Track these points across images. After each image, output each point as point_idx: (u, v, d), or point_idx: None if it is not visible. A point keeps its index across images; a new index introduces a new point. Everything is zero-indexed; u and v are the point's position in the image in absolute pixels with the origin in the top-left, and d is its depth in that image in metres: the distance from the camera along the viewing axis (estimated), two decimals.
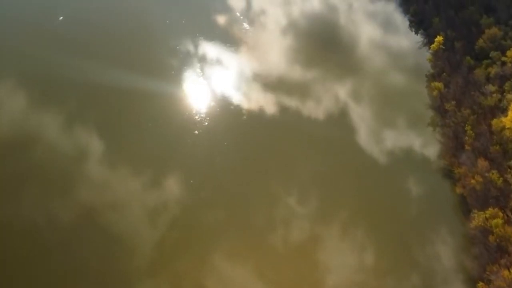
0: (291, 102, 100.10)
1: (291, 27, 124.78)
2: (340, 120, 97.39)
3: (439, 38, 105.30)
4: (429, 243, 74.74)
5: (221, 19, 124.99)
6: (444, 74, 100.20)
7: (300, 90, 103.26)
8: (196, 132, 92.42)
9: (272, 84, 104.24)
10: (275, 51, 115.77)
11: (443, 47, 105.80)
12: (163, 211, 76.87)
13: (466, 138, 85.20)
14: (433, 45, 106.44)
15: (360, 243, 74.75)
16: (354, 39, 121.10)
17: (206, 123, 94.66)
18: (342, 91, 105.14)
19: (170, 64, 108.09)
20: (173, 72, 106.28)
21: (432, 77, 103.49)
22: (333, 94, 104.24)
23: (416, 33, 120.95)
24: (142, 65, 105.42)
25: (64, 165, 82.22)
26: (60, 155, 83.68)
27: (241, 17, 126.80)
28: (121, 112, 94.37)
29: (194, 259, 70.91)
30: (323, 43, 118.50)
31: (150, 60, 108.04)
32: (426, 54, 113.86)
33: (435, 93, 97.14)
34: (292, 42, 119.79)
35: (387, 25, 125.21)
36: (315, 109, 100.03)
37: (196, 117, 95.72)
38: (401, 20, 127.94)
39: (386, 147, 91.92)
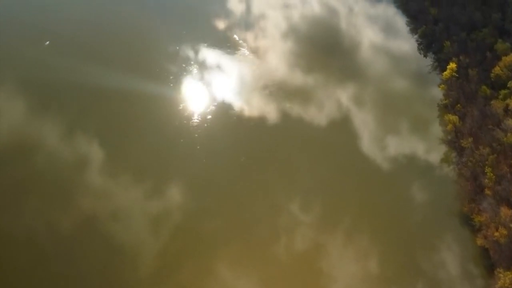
0: (293, 108, 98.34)
1: (292, 32, 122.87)
2: (343, 139, 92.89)
3: (452, 65, 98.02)
4: None
5: (222, 24, 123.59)
6: (459, 105, 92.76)
7: (301, 95, 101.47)
8: (196, 135, 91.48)
9: (274, 89, 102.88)
10: (276, 56, 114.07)
11: (456, 75, 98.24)
12: (165, 219, 75.28)
13: (486, 181, 77.79)
14: (445, 73, 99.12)
15: None
16: (353, 49, 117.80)
17: (207, 130, 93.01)
18: (344, 96, 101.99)
19: (169, 69, 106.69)
20: (172, 77, 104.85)
21: (445, 108, 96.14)
22: (335, 101, 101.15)
23: (425, 55, 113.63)
24: (142, 70, 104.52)
25: (65, 171, 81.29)
26: (60, 162, 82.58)
27: (242, 22, 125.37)
28: (122, 118, 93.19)
29: (197, 269, 69.57)
30: (323, 48, 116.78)
31: (150, 65, 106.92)
32: (436, 79, 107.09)
33: (449, 127, 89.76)
34: (292, 46, 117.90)
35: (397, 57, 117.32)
36: (317, 114, 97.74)
37: (197, 122, 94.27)
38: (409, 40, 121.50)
39: (400, 184, 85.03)
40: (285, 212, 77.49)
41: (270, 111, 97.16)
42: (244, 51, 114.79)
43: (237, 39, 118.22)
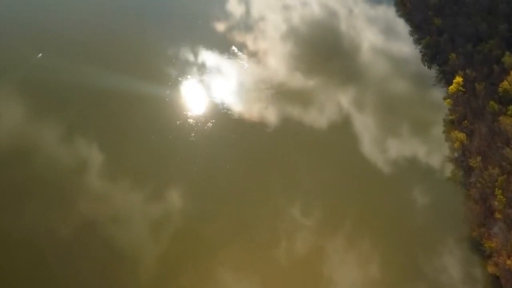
0: (293, 110, 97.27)
1: (291, 34, 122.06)
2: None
3: (458, 79, 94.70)
4: None
5: (221, 26, 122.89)
6: (466, 121, 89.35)
7: (301, 97, 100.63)
8: (196, 137, 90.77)
9: (274, 91, 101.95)
10: (275, 58, 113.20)
11: (463, 89, 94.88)
12: (165, 222, 74.46)
13: (496, 203, 74.45)
14: (451, 87, 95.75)
15: None
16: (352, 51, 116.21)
17: (207, 132, 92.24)
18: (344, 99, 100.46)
19: (169, 71, 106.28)
20: (171, 79, 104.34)
21: (451, 123, 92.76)
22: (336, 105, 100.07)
23: (429, 67, 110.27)
24: (141, 71, 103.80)
25: (65, 173, 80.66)
26: (60, 164, 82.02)
27: (241, 24, 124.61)
28: (121, 120, 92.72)
29: (197, 272, 68.77)
30: (324, 49, 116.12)
31: (150, 67, 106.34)
32: (441, 91, 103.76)
33: (456, 144, 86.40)
34: (292, 48, 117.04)
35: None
36: (318, 117, 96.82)
37: (196, 125, 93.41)
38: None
39: (406, 204, 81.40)
40: (286, 214, 76.57)
41: (270, 113, 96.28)
42: (244, 53, 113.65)
43: (236, 41, 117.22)
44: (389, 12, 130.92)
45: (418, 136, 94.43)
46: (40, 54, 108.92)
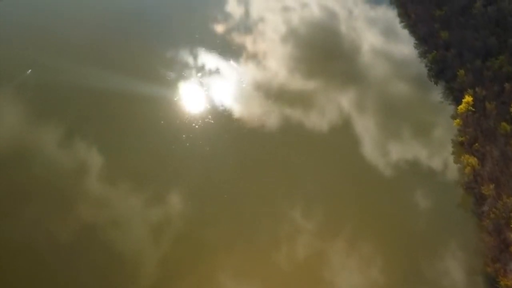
0: (293, 112, 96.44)
1: (291, 35, 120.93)
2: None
3: (468, 99, 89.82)
4: None
5: (221, 28, 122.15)
6: (477, 144, 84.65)
7: (301, 99, 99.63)
8: (196, 140, 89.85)
9: (274, 94, 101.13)
10: (275, 60, 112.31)
11: (472, 109, 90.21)
12: (165, 226, 73.98)
13: None
14: (460, 106, 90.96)
15: None
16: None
17: (207, 135, 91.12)
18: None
19: (169, 73, 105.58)
20: (171, 81, 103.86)
21: (461, 145, 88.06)
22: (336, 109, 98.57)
23: (436, 83, 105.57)
24: (141, 73, 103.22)
25: (64, 176, 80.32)
26: (60, 167, 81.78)
27: (241, 26, 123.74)
28: (121, 122, 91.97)
29: (197, 277, 68.17)
30: (324, 51, 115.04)
31: (150, 68, 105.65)
32: (448, 109, 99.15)
33: (467, 170, 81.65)
34: (292, 50, 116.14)
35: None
36: (318, 119, 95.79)
37: (196, 127, 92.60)
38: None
39: (413, 232, 76.94)
40: (287, 218, 75.86)
41: (271, 116, 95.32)
42: (244, 55, 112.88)
43: (236, 43, 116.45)
44: (393, 23, 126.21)
45: (425, 158, 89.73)
46: (29, 71, 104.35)
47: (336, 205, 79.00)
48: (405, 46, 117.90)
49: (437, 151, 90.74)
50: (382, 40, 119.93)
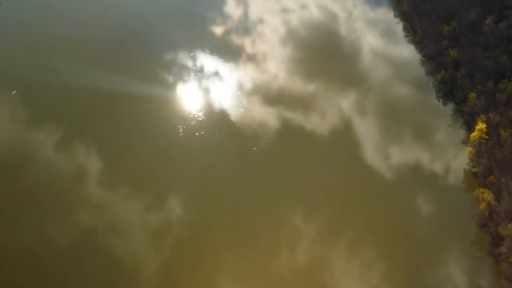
0: (294, 115, 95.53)
1: (290, 37, 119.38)
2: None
3: (481, 126, 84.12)
4: None
5: (220, 29, 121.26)
6: (492, 177, 79.00)
7: (301, 102, 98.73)
8: (196, 143, 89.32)
9: (274, 96, 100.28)
10: (275, 62, 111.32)
11: (486, 136, 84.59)
12: (165, 232, 73.32)
13: None
14: (473, 134, 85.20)
15: None
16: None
17: (207, 137, 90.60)
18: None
19: (168, 75, 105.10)
20: (171, 82, 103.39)
21: (474, 177, 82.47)
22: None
23: (445, 104, 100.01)
24: (141, 74, 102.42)
25: (63, 180, 79.53)
26: (58, 170, 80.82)
27: (241, 28, 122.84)
28: (120, 125, 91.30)
29: (198, 283, 67.82)
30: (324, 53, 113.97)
31: (150, 70, 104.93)
32: (459, 133, 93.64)
33: (482, 205, 76.01)
34: (292, 52, 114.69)
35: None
36: (319, 123, 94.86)
37: (196, 130, 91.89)
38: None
39: (425, 268, 72.15)
40: (287, 222, 75.28)
41: (271, 118, 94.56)
42: (243, 56, 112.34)
43: (235, 44, 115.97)
44: (398, 39, 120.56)
45: (435, 191, 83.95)
46: (14, 91, 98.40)
47: (338, 209, 78.04)
48: (411, 63, 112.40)
49: (448, 182, 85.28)
50: (387, 56, 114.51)
